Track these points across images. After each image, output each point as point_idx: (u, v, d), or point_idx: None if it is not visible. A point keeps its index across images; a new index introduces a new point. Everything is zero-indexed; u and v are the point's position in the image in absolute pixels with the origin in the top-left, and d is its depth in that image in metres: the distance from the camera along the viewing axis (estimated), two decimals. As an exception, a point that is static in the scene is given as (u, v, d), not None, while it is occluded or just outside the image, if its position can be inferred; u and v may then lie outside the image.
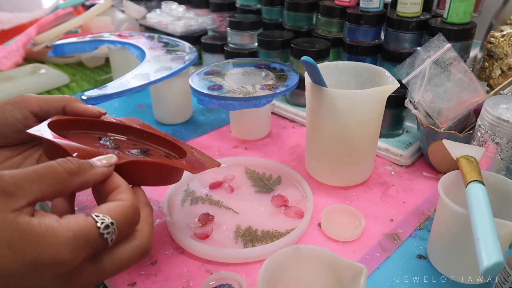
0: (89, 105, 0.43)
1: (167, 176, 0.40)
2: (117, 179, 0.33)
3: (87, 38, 0.78)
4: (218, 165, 0.46)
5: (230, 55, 0.79)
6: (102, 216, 0.28)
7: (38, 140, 0.44)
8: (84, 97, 0.56)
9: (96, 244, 0.28)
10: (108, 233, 0.28)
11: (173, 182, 0.42)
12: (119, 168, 0.34)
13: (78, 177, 0.30)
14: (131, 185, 0.35)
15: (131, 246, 0.31)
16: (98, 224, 0.28)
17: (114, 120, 0.45)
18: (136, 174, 0.36)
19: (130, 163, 0.35)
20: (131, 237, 0.31)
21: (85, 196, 0.53)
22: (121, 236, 0.30)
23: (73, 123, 0.42)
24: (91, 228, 0.27)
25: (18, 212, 0.26)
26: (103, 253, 0.29)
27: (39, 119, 0.41)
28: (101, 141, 0.43)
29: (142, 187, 0.37)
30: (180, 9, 0.95)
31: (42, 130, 0.36)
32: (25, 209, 0.27)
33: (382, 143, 0.61)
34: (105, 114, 0.44)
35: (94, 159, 0.33)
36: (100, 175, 0.32)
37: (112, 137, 0.45)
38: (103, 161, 0.33)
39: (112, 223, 0.28)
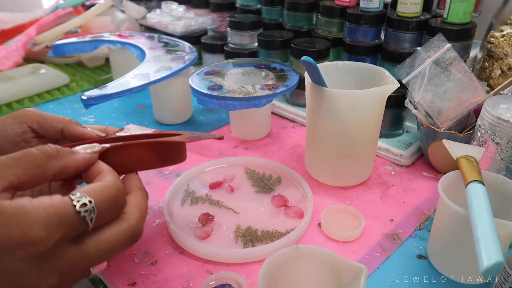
0: (87, 129, 0.43)
1: (163, 155, 0.38)
2: (101, 165, 0.32)
3: (87, 38, 0.78)
4: (221, 138, 0.44)
5: (230, 55, 0.79)
6: (80, 194, 0.27)
7: None
8: (84, 97, 0.56)
9: (73, 223, 0.26)
10: (86, 211, 0.27)
11: (175, 162, 0.40)
12: (107, 156, 0.33)
13: (57, 160, 0.29)
14: (127, 173, 0.34)
15: (117, 229, 0.29)
16: (74, 202, 0.26)
17: (115, 134, 0.44)
18: (127, 160, 0.35)
19: (116, 148, 0.34)
20: (118, 220, 0.30)
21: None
22: (105, 218, 0.29)
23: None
24: (65, 206, 0.26)
25: None
26: (86, 236, 0.28)
27: (37, 135, 0.42)
28: None
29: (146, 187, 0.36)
30: (180, 9, 0.95)
31: None
32: (1, 195, 0.26)
33: (382, 143, 0.61)
34: (104, 137, 0.43)
35: (77, 147, 0.32)
36: (82, 161, 0.31)
37: None
38: (87, 150, 0.32)
39: (90, 201, 0.27)
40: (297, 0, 0.74)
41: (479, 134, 0.48)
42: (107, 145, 0.34)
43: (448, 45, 0.53)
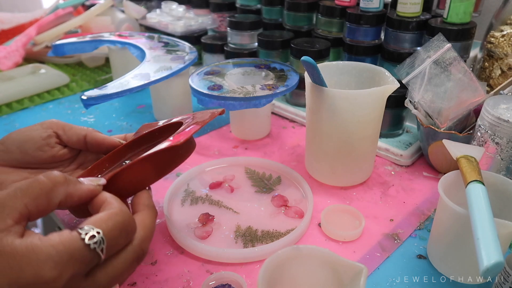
0: (107, 136, 0.44)
1: (163, 164, 0.38)
2: (105, 195, 0.33)
3: (87, 38, 0.78)
4: (222, 112, 0.43)
5: (230, 55, 0.79)
6: (88, 227, 0.27)
7: (56, 166, 0.45)
8: (84, 97, 0.56)
9: (84, 257, 0.26)
10: (95, 243, 0.27)
11: (184, 158, 0.40)
12: (113, 184, 0.34)
13: (63, 187, 0.30)
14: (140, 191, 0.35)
15: (123, 253, 0.30)
16: (82, 236, 0.27)
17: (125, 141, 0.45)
18: (132, 181, 0.36)
19: (118, 174, 0.35)
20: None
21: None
22: (117, 246, 0.29)
23: (100, 166, 0.43)
24: (74, 241, 0.26)
25: (5, 233, 0.25)
26: (98, 267, 0.28)
27: (61, 142, 0.43)
28: None
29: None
30: (180, 9, 0.95)
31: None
32: (13, 229, 0.26)
33: (382, 143, 0.61)
34: (125, 142, 0.44)
35: (82, 178, 0.33)
36: (87, 191, 0.32)
37: (127, 160, 0.45)
38: (92, 181, 0.33)
39: (98, 232, 0.27)
40: (297, 0, 0.74)
41: (479, 134, 0.48)
42: (103, 180, 0.34)
43: (448, 45, 0.53)
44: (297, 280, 0.36)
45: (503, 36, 0.62)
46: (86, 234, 0.27)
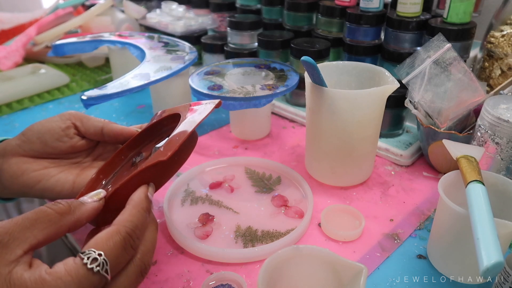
0: (124, 126, 0.45)
1: (160, 173, 0.38)
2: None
3: (87, 38, 0.78)
4: (218, 105, 0.43)
5: (230, 55, 0.79)
6: (88, 251, 0.27)
7: (75, 156, 0.46)
8: (84, 97, 0.56)
9: (91, 283, 0.27)
10: (98, 265, 0.27)
11: (185, 159, 0.40)
12: (112, 203, 0.34)
13: (70, 215, 0.30)
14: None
15: (127, 269, 0.30)
16: (85, 261, 0.27)
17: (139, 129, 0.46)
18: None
19: (114, 193, 0.35)
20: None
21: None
22: (121, 263, 0.29)
23: (117, 158, 0.44)
24: (79, 269, 0.26)
25: (14, 264, 0.26)
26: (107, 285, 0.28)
27: (79, 133, 0.44)
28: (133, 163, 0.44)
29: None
30: (180, 9, 0.95)
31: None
32: (22, 259, 0.26)
33: (382, 143, 0.61)
34: (141, 128, 0.45)
35: (83, 197, 0.33)
36: (92, 210, 0.32)
37: (141, 152, 0.45)
38: (93, 198, 0.33)
39: (100, 255, 0.27)
40: (297, 0, 0.74)
41: (479, 134, 0.48)
42: (103, 192, 0.34)
43: (448, 45, 0.53)
44: (297, 280, 0.36)
45: (503, 36, 0.62)
46: (88, 258, 0.27)
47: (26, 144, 0.42)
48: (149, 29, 0.97)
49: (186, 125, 0.40)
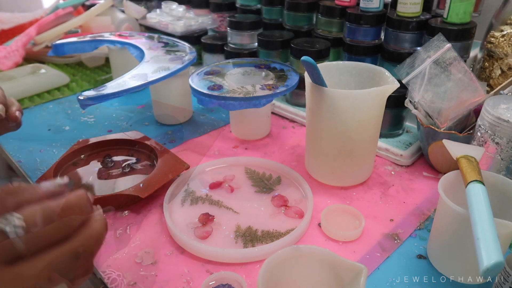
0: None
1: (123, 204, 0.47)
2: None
3: (87, 38, 0.78)
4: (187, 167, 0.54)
5: (230, 55, 0.79)
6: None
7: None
8: (81, 98, 0.55)
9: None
10: (8, 223, 0.26)
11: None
12: None
13: (13, 196, 0.29)
14: None
15: (59, 247, 0.28)
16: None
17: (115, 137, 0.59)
18: None
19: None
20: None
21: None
22: (44, 235, 0.27)
23: (86, 148, 0.57)
24: None
25: None
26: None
27: None
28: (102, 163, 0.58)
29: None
30: (180, 9, 0.95)
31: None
32: None
33: (382, 143, 0.61)
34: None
35: (43, 183, 0.31)
36: (45, 193, 0.30)
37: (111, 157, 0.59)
38: (52, 184, 0.31)
39: (18, 218, 0.26)
40: (297, 0, 0.74)
41: (479, 134, 0.48)
42: (65, 179, 0.34)
43: (448, 45, 0.53)
44: (297, 280, 0.36)
45: (503, 36, 0.62)
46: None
47: None
48: (149, 29, 0.97)
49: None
